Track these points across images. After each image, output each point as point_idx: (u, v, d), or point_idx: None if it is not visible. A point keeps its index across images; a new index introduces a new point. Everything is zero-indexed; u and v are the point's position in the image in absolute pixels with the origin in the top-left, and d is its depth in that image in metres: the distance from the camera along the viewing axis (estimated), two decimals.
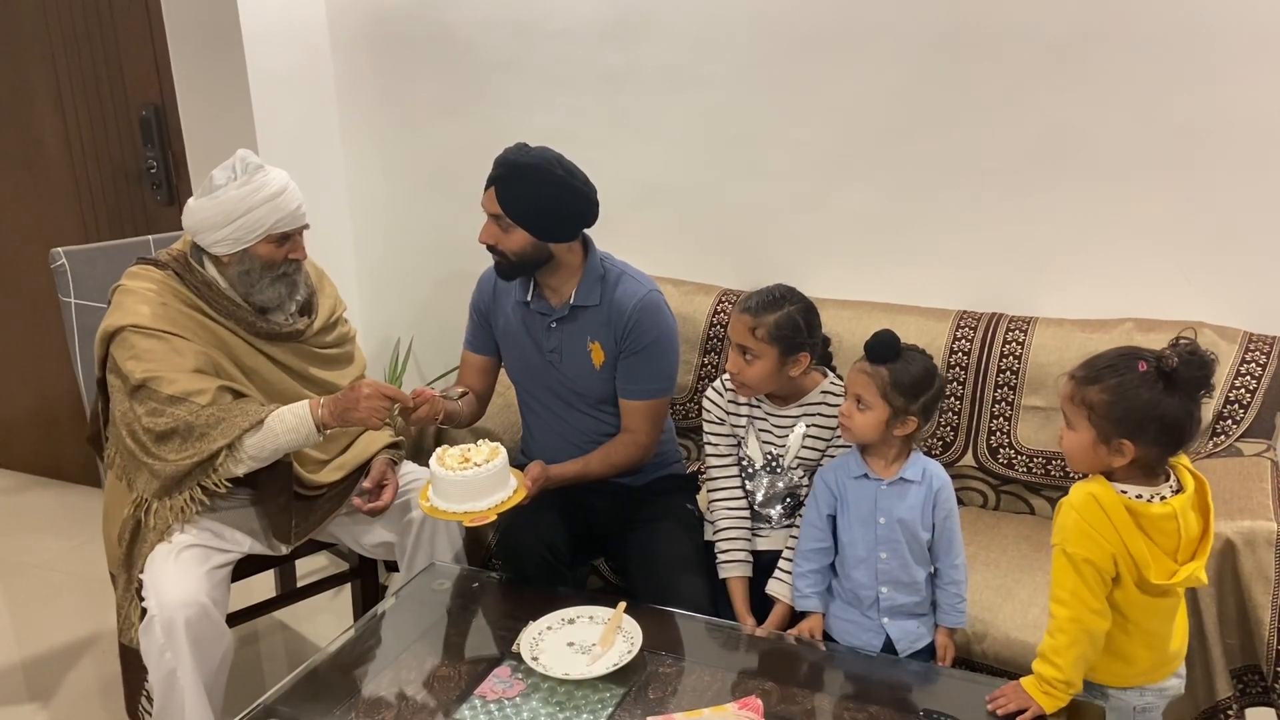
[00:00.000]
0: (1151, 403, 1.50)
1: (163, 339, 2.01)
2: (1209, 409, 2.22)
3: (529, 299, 2.22)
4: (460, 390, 2.25)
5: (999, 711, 1.61)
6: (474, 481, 1.92)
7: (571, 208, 2.12)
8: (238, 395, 2.06)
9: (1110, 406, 1.52)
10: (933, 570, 1.92)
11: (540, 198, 2.09)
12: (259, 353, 2.14)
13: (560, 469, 2.13)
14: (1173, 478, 1.59)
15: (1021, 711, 1.59)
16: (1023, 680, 1.62)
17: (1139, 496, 1.55)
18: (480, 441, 2.02)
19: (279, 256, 2.09)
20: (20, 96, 3.41)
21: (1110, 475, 1.58)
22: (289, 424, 2.00)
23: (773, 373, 2.01)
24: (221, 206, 2.03)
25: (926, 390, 1.85)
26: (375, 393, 2.00)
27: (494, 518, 1.94)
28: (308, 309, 2.24)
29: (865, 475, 1.89)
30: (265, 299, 2.11)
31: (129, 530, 2.06)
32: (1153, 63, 2.31)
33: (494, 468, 1.94)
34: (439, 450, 1.98)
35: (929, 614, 1.92)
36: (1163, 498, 1.55)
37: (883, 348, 1.85)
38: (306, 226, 2.15)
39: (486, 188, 2.12)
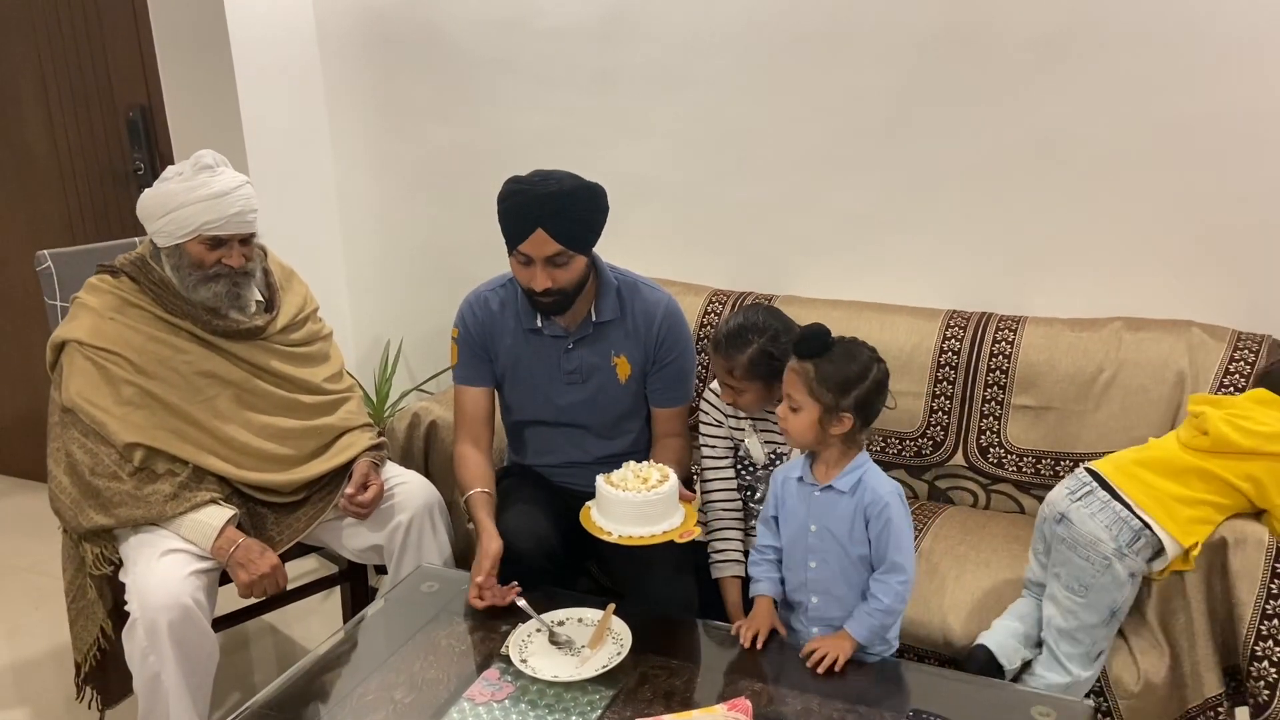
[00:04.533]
0: None
1: (99, 365, 2.06)
2: None
3: (539, 325, 2.16)
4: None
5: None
6: (663, 500, 1.86)
7: (604, 214, 2.06)
8: (169, 459, 2.08)
9: None
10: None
11: (589, 214, 2.01)
12: (217, 352, 2.15)
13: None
14: None
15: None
16: None
17: None
18: (642, 464, 1.95)
19: (209, 259, 2.09)
20: (7, 99, 3.39)
21: None
22: (195, 530, 2.04)
23: (765, 397, 2.02)
24: (159, 198, 2.07)
25: (858, 384, 1.74)
26: (273, 576, 2.05)
27: (700, 533, 1.90)
28: (270, 307, 2.24)
29: (801, 479, 1.83)
30: (201, 297, 2.11)
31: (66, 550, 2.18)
32: (1139, 62, 2.31)
33: (673, 484, 1.89)
34: (605, 478, 1.90)
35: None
36: None
37: (809, 341, 1.76)
38: (252, 235, 2.14)
39: (526, 232, 1.96)
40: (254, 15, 2.94)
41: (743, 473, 2.15)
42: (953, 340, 2.45)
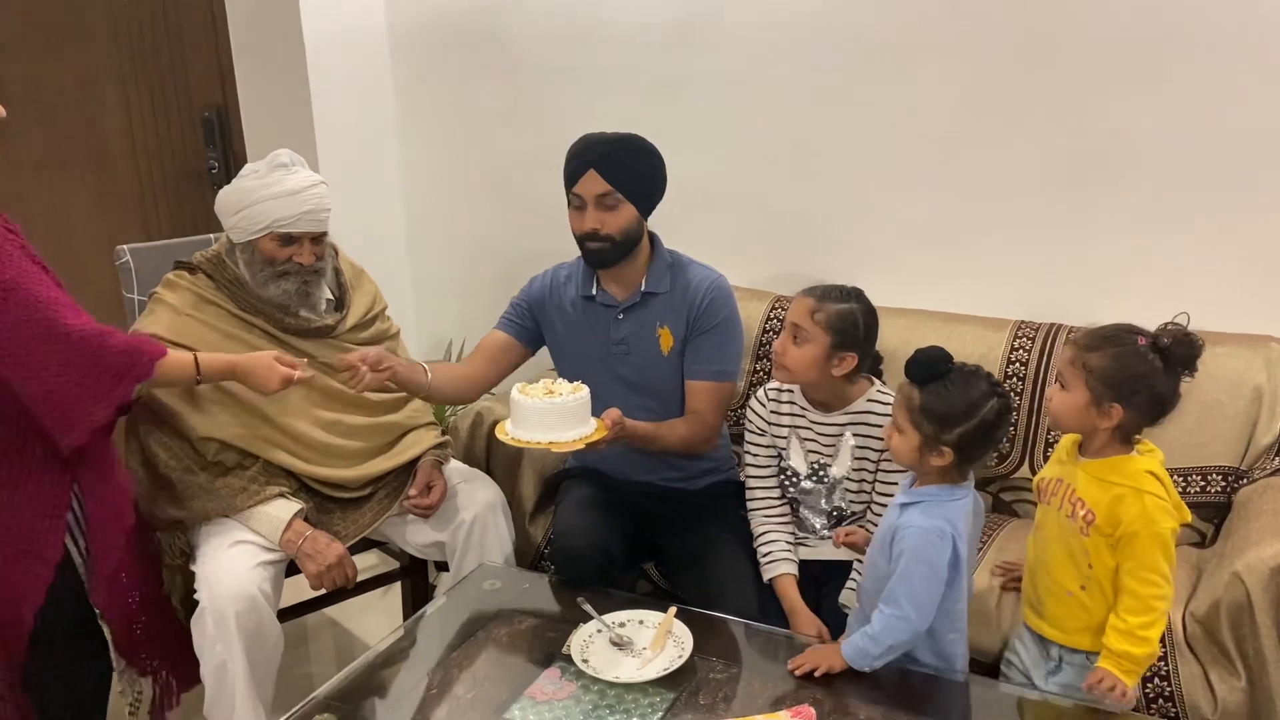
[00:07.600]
0: (1146, 373, 1.65)
1: None
2: (1274, 427, 2.18)
3: (594, 292, 2.22)
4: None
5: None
6: (558, 410, 1.88)
7: (664, 179, 2.17)
8: (240, 453, 2.12)
9: (1108, 371, 1.66)
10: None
11: (647, 168, 2.14)
12: (288, 350, 2.18)
13: (634, 424, 2.04)
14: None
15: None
16: (1102, 663, 1.64)
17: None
18: (558, 379, 1.99)
19: (280, 256, 2.13)
20: (88, 99, 3.49)
21: (1089, 444, 1.72)
22: (264, 523, 2.07)
23: (817, 362, 1.95)
24: (235, 195, 2.11)
25: (963, 421, 1.65)
26: (341, 566, 2.08)
27: (582, 446, 1.89)
28: (340, 306, 2.27)
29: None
30: (271, 294, 2.15)
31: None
32: (1216, 70, 2.26)
33: (580, 399, 1.91)
34: (519, 385, 1.94)
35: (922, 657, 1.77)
36: None
37: (918, 366, 1.69)
38: (323, 234, 2.17)
39: (580, 173, 2.09)
40: (328, 21, 3.01)
41: (786, 486, 2.13)
42: (1020, 351, 2.42)
